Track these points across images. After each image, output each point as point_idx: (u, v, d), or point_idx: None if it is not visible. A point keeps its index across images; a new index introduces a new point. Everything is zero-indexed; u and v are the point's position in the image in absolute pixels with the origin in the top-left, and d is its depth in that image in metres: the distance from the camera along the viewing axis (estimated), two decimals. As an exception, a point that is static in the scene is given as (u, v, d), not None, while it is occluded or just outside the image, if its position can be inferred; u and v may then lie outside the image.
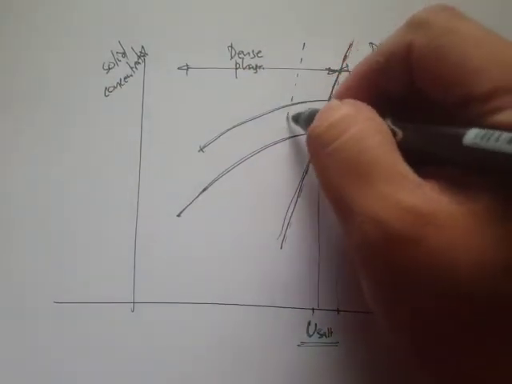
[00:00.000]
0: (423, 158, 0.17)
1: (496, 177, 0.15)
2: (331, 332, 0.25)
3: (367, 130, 0.17)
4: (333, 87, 0.26)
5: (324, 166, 0.18)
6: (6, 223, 0.26)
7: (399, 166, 0.16)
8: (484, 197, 0.15)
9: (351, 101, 0.19)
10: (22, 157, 0.26)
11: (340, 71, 0.26)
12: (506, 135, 0.14)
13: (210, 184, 0.26)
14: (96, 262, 0.25)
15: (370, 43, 0.26)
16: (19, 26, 0.27)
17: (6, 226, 0.26)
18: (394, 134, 0.18)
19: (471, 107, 0.16)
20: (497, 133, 0.14)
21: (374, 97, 0.20)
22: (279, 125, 0.26)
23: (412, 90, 0.19)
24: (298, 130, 0.25)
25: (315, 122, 0.19)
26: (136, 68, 0.27)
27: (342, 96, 0.20)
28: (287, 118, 0.26)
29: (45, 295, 0.25)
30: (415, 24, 0.18)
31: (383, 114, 0.18)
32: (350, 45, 0.26)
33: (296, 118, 0.25)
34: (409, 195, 0.15)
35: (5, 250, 0.26)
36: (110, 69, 0.27)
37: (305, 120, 0.23)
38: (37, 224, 0.26)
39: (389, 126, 0.18)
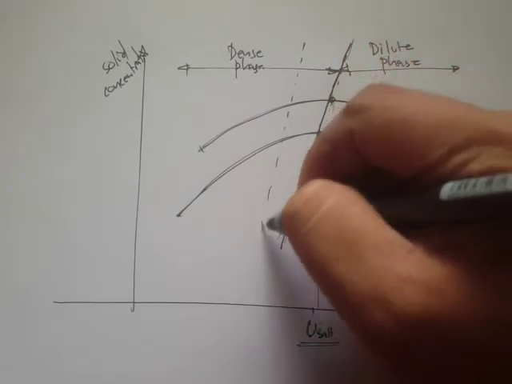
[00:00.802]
0: (404, 224, 0.16)
1: (481, 224, 0.14)
2: (331, 332, 0.25)
3: (345, 200, 0.16)
4: (333, 87, 0.26)
5: (305, 243, 0.17)
6: (6, 223, 0.26)
7: (386, 232, 0.15)
8: (474, 251, 0.14)
9: (320, 179, 0.18)
10: (22, 157, 0.26)
11: (340, 71, 0.26)
12: (482, 180, 0.13)
13: (210, 184, 0.26)
14: (96, 262, 0.25)
15: (370, 43, 0.26)
16: (19, 26, 0.27)
17: (6, 226, 0.26)
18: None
19: (431, 174, 0.15)
20: (472, 180, 0.14)
21: (334, 178, 0.19)
22: (279, 125, 0.26)
23: (367, 168, 0.18)
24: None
25: (289, 203, 0.18)
26: (136, 68, 0.27)
27: (305, 181, 0.19)
28: (262, 227, 0.25)
29: (45, 295, 0.25)
30: (352, 111, 0.17)
31: None
32: (350, 45, 0.26)
33: (270, 223, 0.24)
34: (403, 264, 0.14)
35: (5, 249, 0.26)
36: (110, 69, 0.27)
37: (279, 222, 0.22)
38: (37, 224, 0.26)
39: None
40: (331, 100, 0.26)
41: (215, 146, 0.26)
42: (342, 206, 0.16)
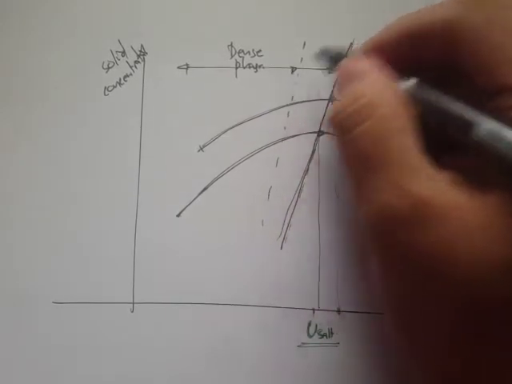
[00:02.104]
0: (444, 139, 0.17)
1: (505, 174, 0.15)
2: (332, 333, 0.25)
3: (386, 119, 0.17)
4: (333, 86, 0.26)
5: (346, 148, 0.19)
6: (6, 223, 0.26)
7: (414, 157, 0.17)
8: (495, 193, 0.15)
9: (376, 76, 0.19)
10: (22, 157, 0.26)
11: (341, 70, 0.26)
12: None
13: (210, 184, 0.26)
14: (96, 262, 0.25)
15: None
16: (19, 26, 0.27)
17: (5, 226, 0.26)
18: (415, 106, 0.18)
19: (504, 96, 0.16)
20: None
21: (404, 60, 0.20)
22: (279, 125, 0.26)
23: (445, 65, 0.19)
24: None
25: (341, 103, 0.19)
26: (136, 67, 0.27)
27: (374, 49, 0.21)
28: (316, 54, 0.25)
29: (44, 295, 0.25)
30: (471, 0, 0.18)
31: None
32: (351, 44, 0.26)
33: (322, 53, 0.24)
34: (418, 185, 0.16)
35: (4, 249, 0.26)
36: (109, 68, 0.27)
37: (330, 58, 0.23)
38: (37, 224, 0.26)
39: (410, 93, 0.18)
40: (332, 100, 0.26)
41: (215, 146, 0.26)
42: (380, 127, 0.17)
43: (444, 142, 0.18)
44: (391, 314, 0.18)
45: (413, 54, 0.20)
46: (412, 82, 0.19)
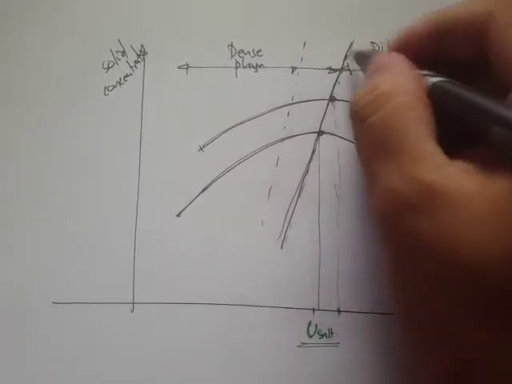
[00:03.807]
0: (460, 129, 0.17)
1: None
2: (332, 333, 0.24)
3: (401, 109, 0.17)
4: (333, 86, 0.26)
5: (360, 136, 0.19)
6: (6, 223, 0.26)
7: (426, 146, 0.17)
8: (506, 182, 0.15)
9: (399, 69, 0.19)
10: (22, 157, 0.26)
11: (341, 70, 0.26)
12: None
13: (210, 184, 0.26)
14: (95, 263, 0.25)
15: (371, 42, 0.26)
16: (19, 26, 0.27)
17: (5, 226, 0.26)
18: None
19: None
20: None
21: (434, 54, 0.20)
22: (279, 124, 0.26)
23: (474, 60, 0.19)
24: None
25: (360, 93, 0.19)
26: (136, 67, 0.27)
27: (403, 42, 0.21)
28: (350, 55, 0.26)
29: (43, 296, 0.25)
30: None
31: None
32: (351, 44, 0.26)
33: (359, 57, 0.25)
34: (429, 173, 0.16)
35: (4, 249, 0.26)
36: (109, 68, 0.27)
37: (363, 61, 0.23)
38: (36, 224, 0.26)
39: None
40: (332, 99, 0.26)
41: (215, 146, 0.26)
42: (401, 110, 0.17)
43: (460, 136, 0.18)
44: (401, 308, 0.18)
45: (440, 49, 0.20)
46: (435, 78, 0.19)
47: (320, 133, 0.26)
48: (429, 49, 0.20)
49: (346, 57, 0.26)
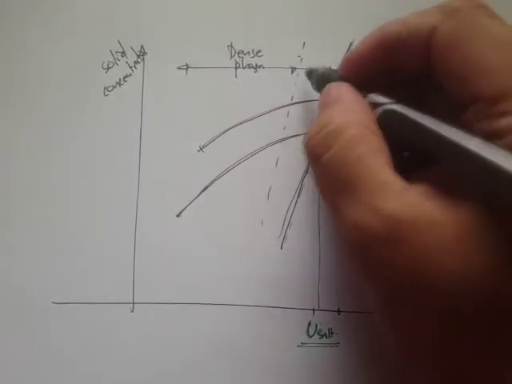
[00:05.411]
0: (415, 155, 0.17)
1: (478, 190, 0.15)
2: (332, 333, 0.25)
3: (352, 143, 0.17)
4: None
5: (317, 174, 0.19)
6: (6, 223, 0.26)
7: (382, 175, 0.17)
8: (468, 206, 0.15)
9: (346, 102, 0.19)
10: (22, 157, 0.26)
11: (340, 70, 0.26)
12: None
13: (210, 184, 0.26)
14: (95, 263, 0.25)
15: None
16: (19, 26, 0.27)
17: (5, 226, 0.26)
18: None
19: (477, 107, 0.16)
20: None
21: (382, 71, 0.20)
22: (279, 125, 0.26)
23: (422, 74, 0.19)
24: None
25: (311, 132, 0.19)
26: (135, 67, 0.27)
27: (351, 63, 0.21)
28: (305, 73, 0.25)
29: (43, 296, 0.25)
30: (447, 9, 0.18)
31: (390, 89, 0.19)
32: (350, 44, 0.26)
33: (309, 74, 0.24)
34: (388, 202, 0.16)
35: (4, 249, 0.26)
36: (109, 68, 0.27)
37: (316, 79, 0.24)
38: (36, 224, 0.26)
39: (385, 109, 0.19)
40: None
41: (215, 146, 0.26)
42: (353, 144, 0.17)
43: (414, 158, 0.18)
44: (381, 325, 0.18)
45: (389, 64, 0.20)
46: (385, 105, 0.19)
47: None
48: (378, 66, 0.20)
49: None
